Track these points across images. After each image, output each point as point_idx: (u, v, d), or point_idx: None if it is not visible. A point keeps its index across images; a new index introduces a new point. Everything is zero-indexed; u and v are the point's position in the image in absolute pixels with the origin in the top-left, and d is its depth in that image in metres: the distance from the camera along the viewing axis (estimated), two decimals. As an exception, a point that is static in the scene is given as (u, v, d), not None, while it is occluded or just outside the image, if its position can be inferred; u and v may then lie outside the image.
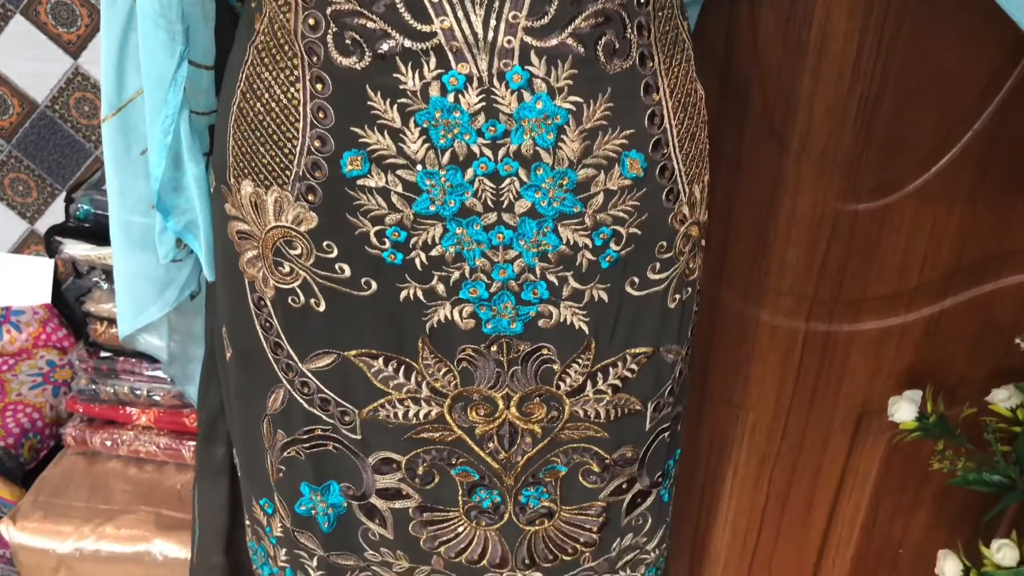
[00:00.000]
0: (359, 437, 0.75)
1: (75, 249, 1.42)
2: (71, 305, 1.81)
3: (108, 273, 1.47)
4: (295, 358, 0.74)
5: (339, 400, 0.74)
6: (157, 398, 1.52)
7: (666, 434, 0.80)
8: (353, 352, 0.72)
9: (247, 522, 0.88)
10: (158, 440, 1.53)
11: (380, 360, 0.72)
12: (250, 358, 0.76)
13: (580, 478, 0.78)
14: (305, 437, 0.76)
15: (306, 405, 0.75)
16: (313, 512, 0.80)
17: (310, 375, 0.74)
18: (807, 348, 1.20)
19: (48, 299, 1.82)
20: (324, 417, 0.75)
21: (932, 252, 1.10)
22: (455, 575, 0.83)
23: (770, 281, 1.16)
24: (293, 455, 0.77)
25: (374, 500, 0.78)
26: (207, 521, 0.96)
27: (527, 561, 0.82)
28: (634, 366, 0.74)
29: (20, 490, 1.50)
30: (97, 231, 1.40)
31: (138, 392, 1.53)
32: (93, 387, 1.53)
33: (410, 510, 0.78)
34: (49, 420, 1.71)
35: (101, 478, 1.53)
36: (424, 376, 0.72)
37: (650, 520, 0.85)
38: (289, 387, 0.75)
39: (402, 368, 0.72)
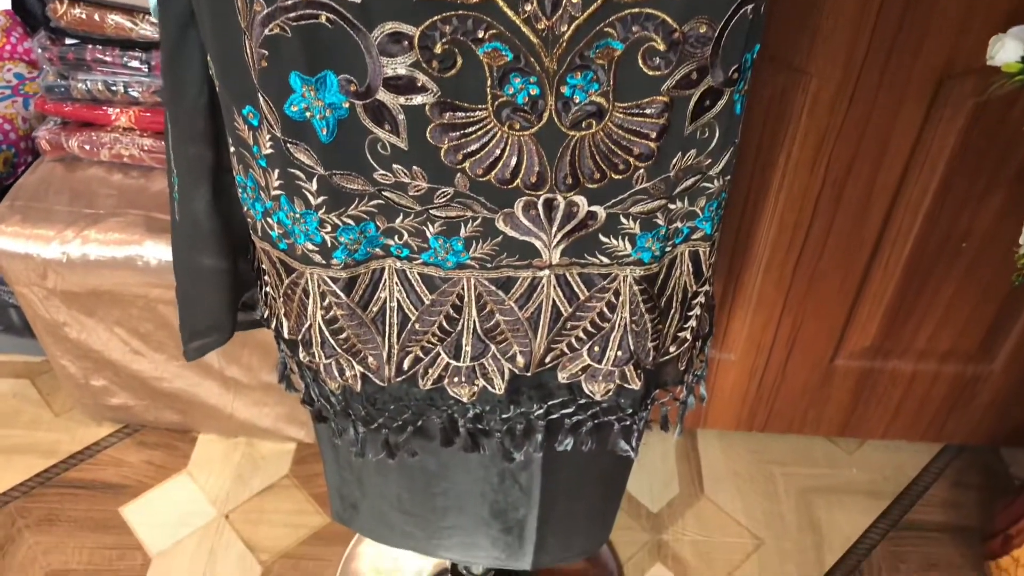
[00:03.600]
0: (359, 1, 0.59)
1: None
2: (34, 11, 1.59)
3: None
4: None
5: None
6: (135, 94, 1.36)
7: (748, 7, 0.64)
8: None
9: (231, 147, 0.74)
10: (141, 142, 1.38)
11: None
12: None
13: (640, 61, 0.62)
14: (290, 3, 0.60)
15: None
16: (308, 115, 0.65)
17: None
18: (889, -8, 1.01)
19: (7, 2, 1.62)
20: None
21: None
22: (483, 198, 0.69)
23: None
24: (277, 32, 0.61)
25: (382, 96, 0.63)
26: (184, 166, 0.82)
27: (569, 180, 0.68)
28: None
29: (-5, 197, 1.37)
30: None
31: (114, 88, 1.36)
32: (63, 83, 1.36)
33: (427, 108, 0.63)
34: (23, 132, 1.56)
35: (83, 183, 1.39)
36: None
37: (717, 134, 0.71)
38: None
39: None
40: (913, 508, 1.50)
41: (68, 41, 1.33)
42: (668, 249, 0.77)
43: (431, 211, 0.71)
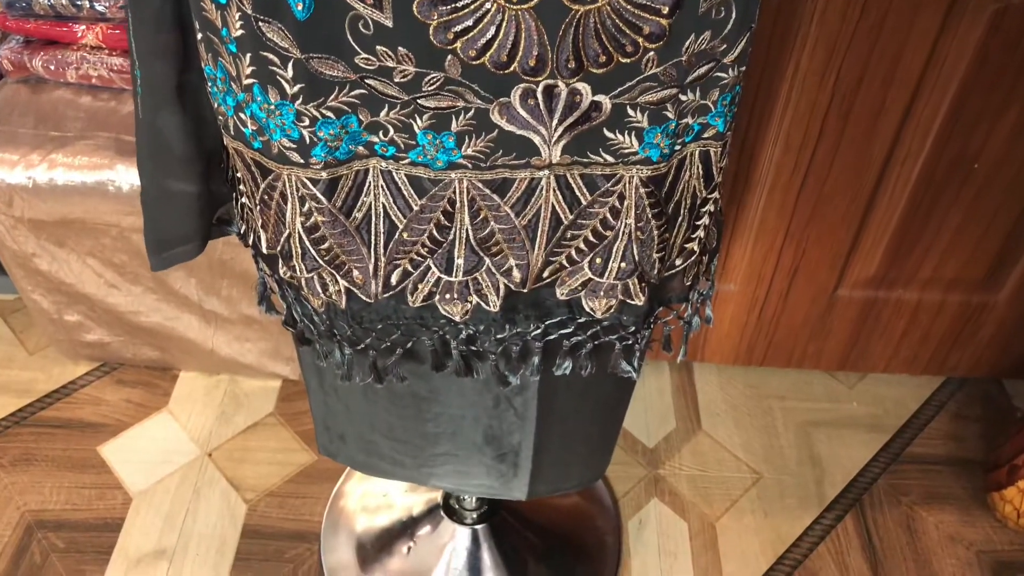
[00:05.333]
0: None
1: None
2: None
3: None
4: None
5: None
6: (102, 8, 1.27)
7: None
8: None
9: (198, 33, 0.67)
10: (110, 61, 1.30)
11: None
12: None
13: (651, -83, 0.56)
14: None
15: None
16: (280, -13, 0.59)
17: None
18: None
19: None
20: None
21: None
22: (476, 86, 0.63)
23: None
24: None
25: (362, -39, 0.57)
26: (149, 67, 0.75)
27: (572, 64, 0.62)
28: None
29: (-47, 115, 1.29)
30: None
31: (79, 2, 1.27)
32: (24, -2, 1.27)
33: (414, -24, 0.57)
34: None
35: (49, 106, 1.31)
36: None
37: (734, 14, 0.65)
38: None
39: None
40: (914, 441, 1.47)
41: (27, -50, 1.24)
42: (677, 148, 0.71)
43: (419, 101, 0.64)
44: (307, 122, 0.65)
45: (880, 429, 1.49)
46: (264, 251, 0.81)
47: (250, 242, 0.85)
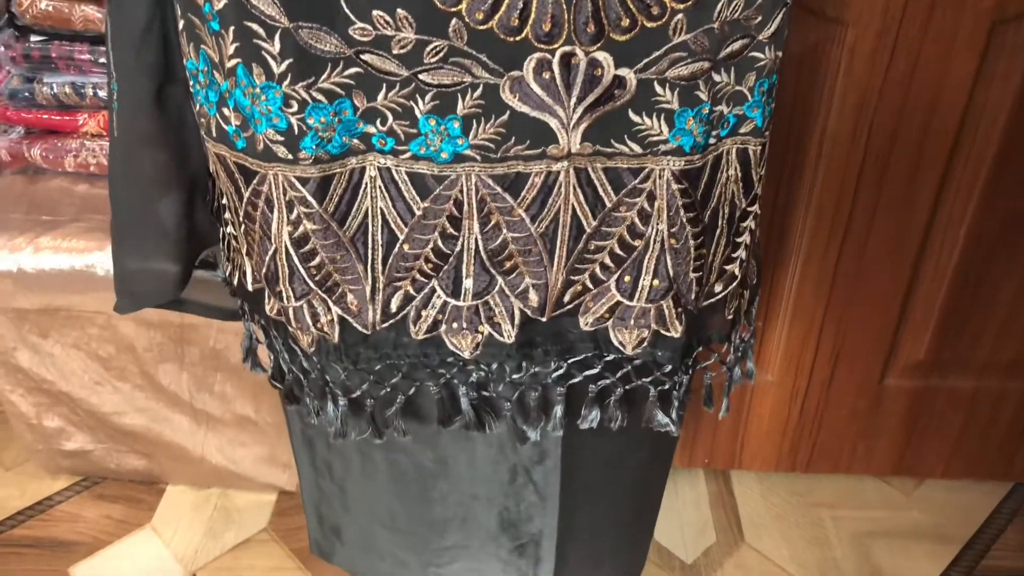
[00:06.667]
0: None
1: None
2: None
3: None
4: None
5: None
6: (105, 95, 1.25)
7: None
8: None
9: (179, 21, 0.61)
10: (111, 148, 1.26)
11: None
12: None
13: None
14: None
15: None
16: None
17: None
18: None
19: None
20: None
21: None
22: (484, 56, 0.56)
23: None
24: None
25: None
26: (128, 79, 0.69)
27: (591, 28, 0.55)
28: None
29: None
30: None
31: (83, 90, 1.25)
32: (27, 87, 1.25)
33: (414, -77, 0.51)
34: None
35: (44, 194, 1.26)
36: None
37: (771, -30, 0.59)
38: None
39: None
40: (989, 553, 1.30)
41: (33, 39, 1.23)
42: (712, 141, 0.63)
43: (420, 77, 0.57)
44: (295, 107, 0.58)
45: (947, 540, 1.32)
46: (249, 287, 0.72)
47: (235, 281, 0.76)
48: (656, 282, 0.66)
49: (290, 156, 0.60)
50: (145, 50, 0.67)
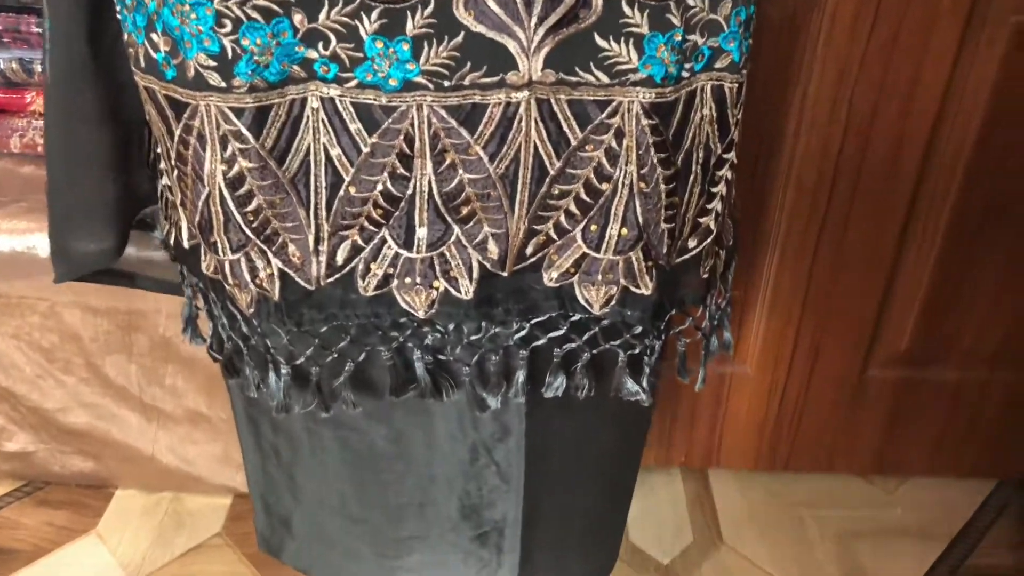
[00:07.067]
0: None
1: None
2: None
3: None
4: None
5: None
6: (53, 73, 1.19)
7: None
8: None
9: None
10: (57, 128, 1.20)
11: None
12: None
13: None
14: None
15: None
16: None
17: None
18: None
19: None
20: None
21: None
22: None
23: None
24: None
25: None
26: (60, 17, 0.63)
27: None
28: None
29: None
30: None
31: (31, 66, 1.19)
32: (-30, 65, 1.19)
33: None
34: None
35: (-14, 176, 1.19)
36: None
37: None
38: None
39: None
40: (975, 551, 1.25)
41: (-23, 11, 1.17)
42: (686, 75, 0.58)
43: (366, -9, 0.52)
44: (229, 27, 0.53)
45: (932, 538, 1.27)
46: (185, 243, 0.67)
47: (171, 240, 0.70)
48: (624, 231, 0.61)
49: (223, 84, 0.55)
50: None
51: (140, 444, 1.25)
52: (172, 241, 0.70)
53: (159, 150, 0.66)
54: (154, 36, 0.56)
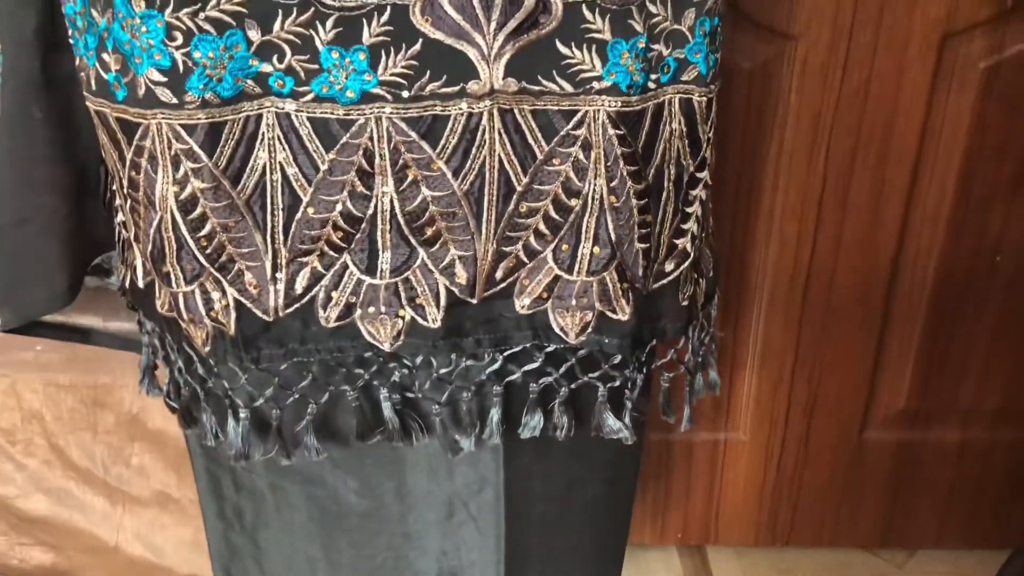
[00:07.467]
0: None
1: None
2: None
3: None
4: None
5: None
6: None
7: None
8: None
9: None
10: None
11: None
12: None
13: None
14: None
15: None
16: None
17: None
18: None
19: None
20: None
21: None
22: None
23: None
24: None
25: None
26: (12, 50, 0.62)
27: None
28: None
29: None
30: None
31: None
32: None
33: None
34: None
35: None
36: None
37: None
38: None
39: None
40: (995, 624, 1.17)
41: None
42: (652, 86, 0.57)
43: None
44: (180, 39, 0.51)
45: (948, 613, 1.20)
46: (140, 282, 0.63)
47: (127, 282, 0.67)
48: (597, 248, 0.59)
49: (174, 99, 0.53)
50: (28, 20, 0.61)
51: (104, 532, 1.18)
52: (128, 284, 0.67)
53: (114, 187, 0.64)
54: (105, 56, 0.55)
